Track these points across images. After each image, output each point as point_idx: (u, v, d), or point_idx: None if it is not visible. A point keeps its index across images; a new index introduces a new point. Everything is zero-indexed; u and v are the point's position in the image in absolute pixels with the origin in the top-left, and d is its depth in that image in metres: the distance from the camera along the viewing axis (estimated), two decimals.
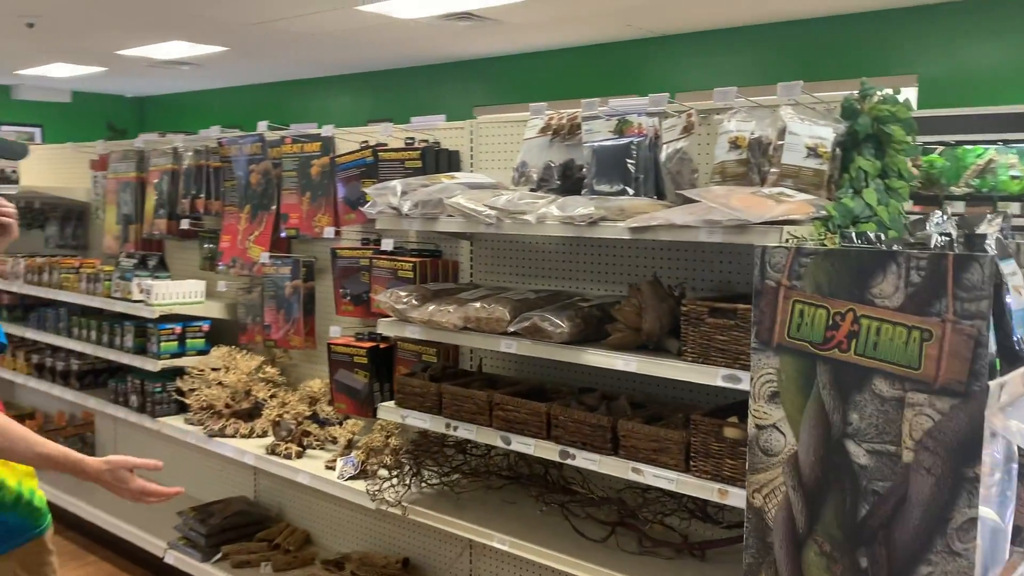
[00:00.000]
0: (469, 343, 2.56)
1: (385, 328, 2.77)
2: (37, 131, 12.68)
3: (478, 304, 2.51)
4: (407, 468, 2.93)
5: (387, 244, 3.08)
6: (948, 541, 1.59)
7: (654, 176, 2.52)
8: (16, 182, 4.89)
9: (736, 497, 2.06)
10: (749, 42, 7.78)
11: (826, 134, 2.21)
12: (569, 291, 2.77)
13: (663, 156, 2.49)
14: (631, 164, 2.51)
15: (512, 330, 2.42)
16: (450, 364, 2.98)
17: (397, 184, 2.66)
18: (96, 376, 4.43)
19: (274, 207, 3.68)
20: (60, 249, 4.97)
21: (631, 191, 2.48)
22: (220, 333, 3.95)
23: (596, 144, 2.57)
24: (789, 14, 7.29)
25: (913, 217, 2.06)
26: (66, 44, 9.24)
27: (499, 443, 2.52)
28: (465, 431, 2.61)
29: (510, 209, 2.39)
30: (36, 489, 2.20)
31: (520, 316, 2.42)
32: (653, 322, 2.28)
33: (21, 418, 4.93)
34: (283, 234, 3.63)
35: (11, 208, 2.22)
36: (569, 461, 2.39)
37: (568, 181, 2.64)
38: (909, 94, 2.28)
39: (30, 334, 4.57)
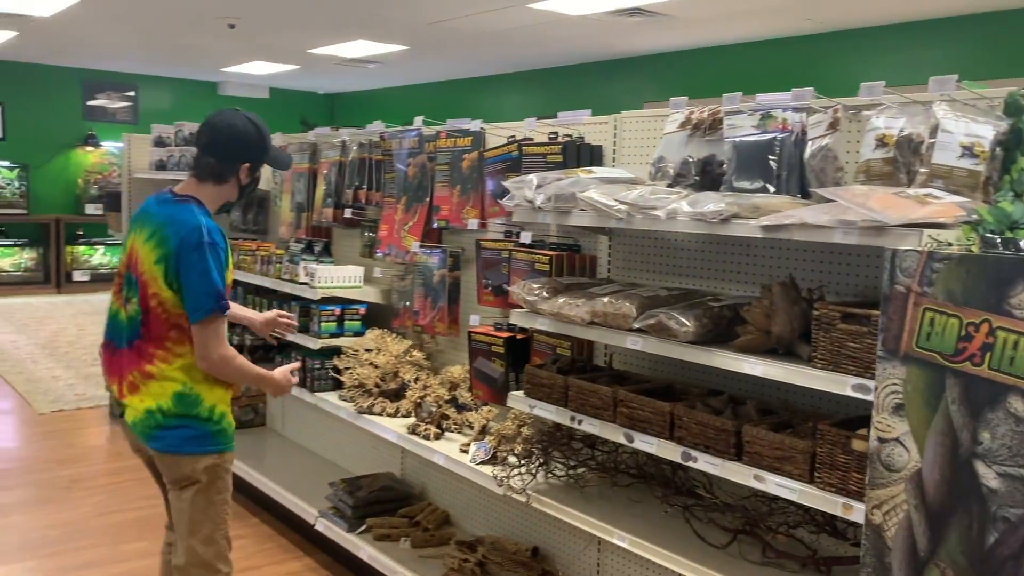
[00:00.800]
0: (596, 338, 2.57)
1: (517, 319, 2.82)
2: None
3: (606, 299, 2.51)
4: (535, 457, 2.97)
5: (525, 237, 3.13)
6: None
7: (798, 174, 2.42)
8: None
9: (861, 513, 1.95)
10: (939, 36, 7.26)
11: (985, 132, 2.04)
12: (703, 290, 2.71)
13: (807, 153, 2.39)
14: (773, 161, 2.43)
15: (637, 327, 2.40)
16: (582, 358, 3.00)
17: (533, 177, 2.70)
18: (266, 351, 4.78)
19: (428, 199, 3.83)
20: (242, 232, 5.40)
21: (772, 188, 2.39)
22: (375, 316, 4.16)
23: (738, 139, 2.50)
24: (984, 6, 6.74)
25: None
26: (263, 43, 9.99)
27: (622, 440, 2.52)
28: (589, 425, 2.62)
29: (640, 204, 2.38)
30: (228, 415, 2.70)
31: (646, 313, 2.39)
32: (783, 325, 2.19)
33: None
34: (434, 225, 3.78)
35: (294, 321, 3.26)
36: (691, 463, 2.34)
37: (707, 177, 2.59)
38: None
39: None
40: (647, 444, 2.45)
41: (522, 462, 2.99)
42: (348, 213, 4.29)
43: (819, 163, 2.38)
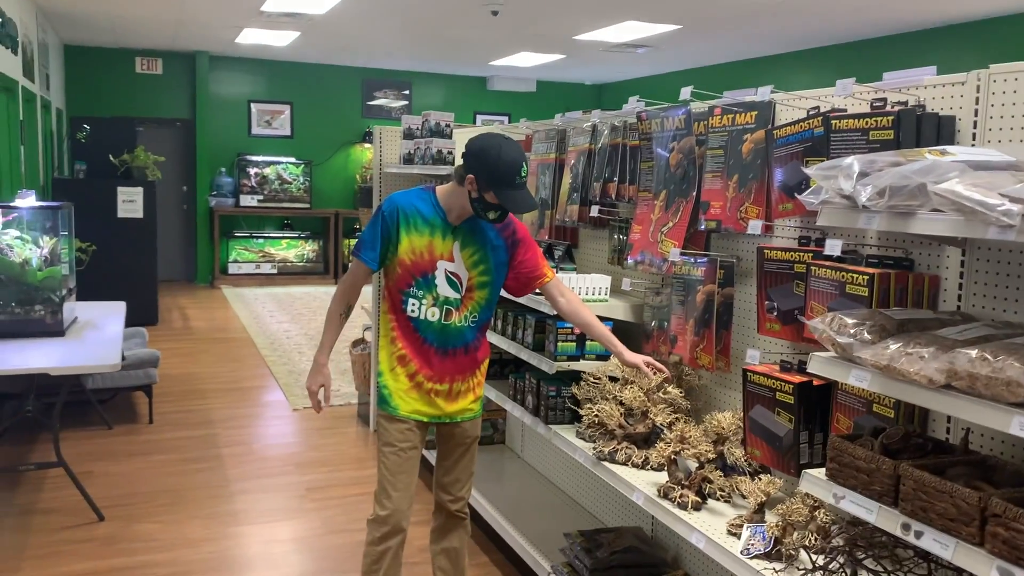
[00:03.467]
0: (953, 411, 1.64)
1: (819, 366, 1.96)
2: (505, 119, 13.65)
3: (974, 352, 1.58)
4: (838, 561, 2.08)
5: (833, 247, 2.23)
6: None
7: None
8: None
9: None
10: None
11: None
12: None
13: None
14: None
15: None
16: (915, 429, 2.05)
17: (854, 162, 1.81)
18: (502, 367, 4.21)
19: (693, 193, 3.02)
20: None
21: None
22: (622, 337, 3.39)
23: None
24: None
25: None
26: (528, 31, 9.59)
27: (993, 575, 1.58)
28: (934, 542, 1.70)
29: None
30: (386, 376, 2.98)
31: None
32: None
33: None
34: (701, 226, 2.96)
35: (663, 371, 2.94)
36: None
37: None
38: None
39: None
40: None
41: (817, 564, 2.12)
42: (595, 211, 3.57)
43: None
